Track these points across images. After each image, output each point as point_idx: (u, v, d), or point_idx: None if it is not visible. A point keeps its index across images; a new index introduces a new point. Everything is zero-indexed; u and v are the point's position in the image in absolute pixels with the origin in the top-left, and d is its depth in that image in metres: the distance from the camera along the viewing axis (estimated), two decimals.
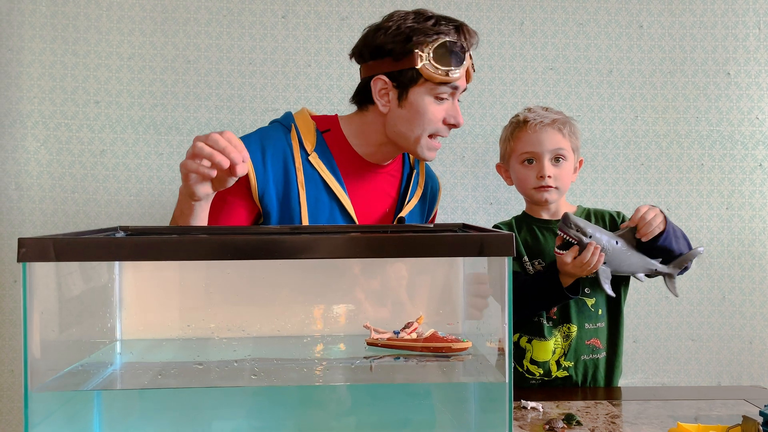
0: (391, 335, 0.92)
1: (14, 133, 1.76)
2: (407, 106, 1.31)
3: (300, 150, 1.32)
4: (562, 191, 1.41)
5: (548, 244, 1.41)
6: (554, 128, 1.38)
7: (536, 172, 1.38)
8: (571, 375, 1.38)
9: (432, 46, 1.26)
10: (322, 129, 1.37)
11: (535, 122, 1.38)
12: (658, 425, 1.08)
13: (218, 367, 0.85)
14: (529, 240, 1.42)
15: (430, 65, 1.26)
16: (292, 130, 1.34)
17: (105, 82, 1.79)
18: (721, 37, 1.88)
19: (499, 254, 0.74)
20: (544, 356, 1.37)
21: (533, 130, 1.38)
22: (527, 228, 1.44)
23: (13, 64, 1.76)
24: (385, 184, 1.41)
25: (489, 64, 1.86)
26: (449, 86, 1.29)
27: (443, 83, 1.28)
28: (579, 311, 1.38)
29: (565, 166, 1.39)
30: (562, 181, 1.39)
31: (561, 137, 1.38)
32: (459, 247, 0.75)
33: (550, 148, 1.37)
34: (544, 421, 1.08)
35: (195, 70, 1.81)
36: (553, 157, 1.38)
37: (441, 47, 1.26)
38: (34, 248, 0.70)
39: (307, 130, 1.35)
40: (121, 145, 1.79)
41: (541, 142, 1.37)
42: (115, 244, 0.72)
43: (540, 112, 1.40)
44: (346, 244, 0.74)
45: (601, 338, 1.40)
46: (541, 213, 1.44)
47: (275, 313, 0.95)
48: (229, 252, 0.73)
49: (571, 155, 1.40)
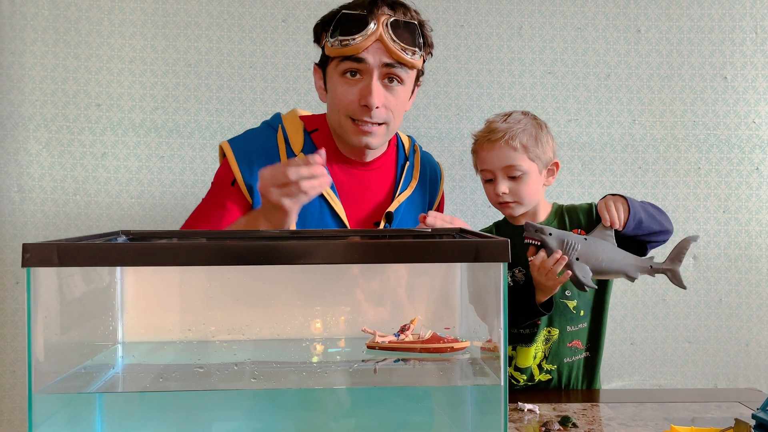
0: (392, 338, 0.93)
1: (16, 135, 1.78)
2: (329, 91, 1.29)
3: (287, 150, 1.31)
4: (527, 203, 1.37)
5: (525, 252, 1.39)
6: (502, 144, 1.32)
7: (494, 189, 1.36)
8: (553, 378, 1.39)
9: (333, 21, 1.23)
10: (310, 129, 1.35)
11: (483, 140, 1.35)
12: (653, 427, 1.09)
13: (218, 370, 0.87)
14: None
15: (330, 39, 1.23)
16: (279, 131, 1.33)
17: (106, 85, 1.80)
18: (718, 42, 1.89)
19: (494, 260, 0.76)
20: (526, 362, 1.37)
21: (482, 147, 1.35)
22: (505, 233, 1.41)
23: (15, 67, 1.77)
24: (375, 180, 1.38)
25: (488, 68, 1.87)
26: (353, 60, 1.22)
27: (345, 57, 1.22)
28: (560, 314, 1.37)
29: (524, 179, 1.34)
30: (523, 195, 1.35)
31: (511, 152, 1.32)
32: (454, 253, 0.77)
33: (501, 165, 1.33)
34: (540, 423, 1.09)
35: (196, 73, 1.82)
36: (506, 174, 1.34)
37: (340, 20, 1.22)
38: (38, 254, 0.71)
39: (294, 131, 1.34)
40: (122, 148, 1.81)
41: (492, 160, 1.34)
42: (117, 250, 0.73)
43: (496, 125, 1.35)
44: (344, 250, 0.76)
45: (582, 339, 1.39)
46: (519, 219, 1.42)
47: (275, 316, 0.96)
48: (229, 258, 0.74)
49: (531, 166, 1.33)
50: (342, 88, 1.25)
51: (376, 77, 1.23)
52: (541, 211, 1.41)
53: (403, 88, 1.28)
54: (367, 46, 1.20)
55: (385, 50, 1.22)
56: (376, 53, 1.22)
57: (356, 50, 1.21)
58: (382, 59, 1.22)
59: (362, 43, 1.20)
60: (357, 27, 1.20)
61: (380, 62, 1.22)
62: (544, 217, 1.41)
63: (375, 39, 1.21)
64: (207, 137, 1.83)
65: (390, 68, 1.24)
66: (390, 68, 1.24)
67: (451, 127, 1.87)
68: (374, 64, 1.22)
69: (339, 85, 1.25)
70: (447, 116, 1.85)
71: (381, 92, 1.24)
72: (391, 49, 1.21)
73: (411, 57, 1.24)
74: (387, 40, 1.21)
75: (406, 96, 1.30)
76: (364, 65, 1.23)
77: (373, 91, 1.23)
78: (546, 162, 1.37)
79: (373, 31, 1.20)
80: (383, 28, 1.21)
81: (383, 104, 1.25)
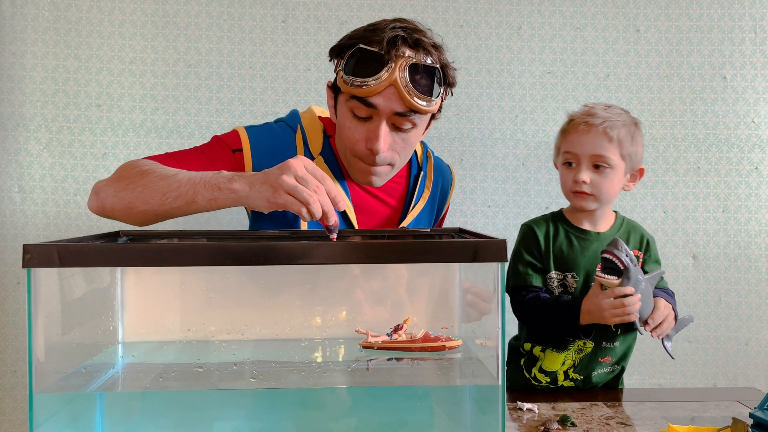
0: (385, 338, 0.93)
1: (17, 136, 1.78)
2: (338, 119, 1.21)
3: (305, 153, 1.25)
4: (603, 201, 1.29)
5: (584, 258, 1.32)
6: (599, 130, 1.25)
7: (573, 175, 1.28)
8: (578, 386, 1.37)
9: (348, 52, 1.14)
10: (329, 133, 1.30)
11: (580, 122, 1.27)
12: (651, 426, 1.09)
13: (218, 370, 0.87)
14: (564, 248, 1.33)
15: (343, 73, 1.14)
16: (298, 132, 1.27)
17: (107, 85, 1.81)
18: (718, 41, 1.90)
19: (492, 260, 0.76)
20: (554, 366, 1.35)
21: (576, 130, 1.27)
22: (564, 234, 1.34)
23: (16, 67, 1.78)
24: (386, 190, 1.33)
25: (487, 68, 1.88)
26: (362, 102, 1.12)
27: (355, 97, 1.13)
28: (600, 330, 1.32)
29: (608, 174, 1.26)
30: (603, 190, 1.27)
31: (606, 142, 1.25)
32: (452, 253, 0.77)
33: (590, 152, 1.26)
34: (539, 423, 1.09)
35: (196, 74, 1.83)
36: (592, 162, 1.27)
37: (354, 54, 1.12)
38: (39, 254, 0.71)
39: (314, 132, 1.27)
40: (122, 149, 1.81)
41: (582, 144, 1.26)
42: (117, 251, 0.73)
43: (596, 110, 1.27)
44: (342, 251, 0.76)
45: (613, 356, 1.36)
46: (582, 221, 1.34)
47: (274, 316, 0.97)
48: (229, 258, 0.74)
49: (619, 163, 1.27)
50: (350, 124, 1.18)
51: (384, 122, 1.15)
52: (608, 216, 1.36)
53: (415, 131, 1.20)
54: (379, 90, 1.11)
55: (398, 98, 1.12)
56: (388, 99, 1.12)
57: (368, 93, 1.11)
58: (393, 107, 1.13)
59: (375, 87, 1.10)
60: (372, 67, 1.10)
61: (391, 110, 1.13)
62: (609, 223, 1.36)
63: (389, 84, 1.10)
64: (207, 137, 1.82)
65: (402, 116, 1.15)
66: (402, 116, 1.15)
67: (450, 127, 1.87)
68: (385, 111, 1.14)
69: (347, 120, 1.18)
70: (446, 116, 1.85)
71: (388, 138, 1.17)
72: (406, 97, 1.11)
73: (426, 106, 1.14)
74: (402, 88, 1.10)
75: (417, 137, 1.23)
76: (373, 110, 1.14)
77: (380, 136, 1.14)
78: (634, 165, 1.31)
79: (387, 76, 1.10)
80: (400, 74, 1.10)
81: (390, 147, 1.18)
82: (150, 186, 1.02)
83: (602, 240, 1.33)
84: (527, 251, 1.34)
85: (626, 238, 1.36)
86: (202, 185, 0.98)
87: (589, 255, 1.33)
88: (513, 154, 1.88)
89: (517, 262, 1.35)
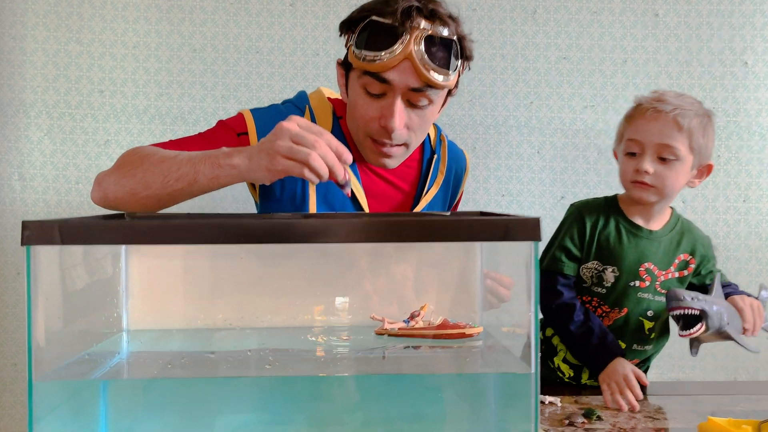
0: (402, 325, 0.89)
1: (17, 122, 1.74)
2: (349, 98, 1.16)
3: None
4: (665, 195, 1.21)
5: (629, 255, 1.25)
6: (670, 118, 1.16)
7: (636, 164, 1.19)
8: None
9: (359, 26, 1.08)
10: (338, 114, 1.25)
11: (648, 107, 1.18)
12: (680, 420, 1.05)
13: (231, 357, 0.82)
14: (611, 240, 1.25)
15: (354, 48, 1.08)
16: (306, 112, 1.22)
17: (110, 70, 1.76)
18: (739, 26, 1.84)
19: (526, 239, 0.71)
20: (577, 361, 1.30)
21: (643, 116, 1.18)
22: (615, 225, 1.26)
23: (16, 52, 1.74)
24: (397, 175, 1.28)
25: (501, 53, 1.82)
26: (376, 78, 1.07)
27: (367, 72, 1.07)
28: (634, 332, 1.28)
29: (675, 167, 1.18)
30: (667, 183, 1.19)
31: (675, 131, 1.16)
32: (483, 231, 0.72)
33: (657, 141, 1.17)
34: (563, 416, 1.04)
35: (201, 59, 1.78)
36: (658, 153, 1.18)
37: (366, 27, 1.06)
38: (39, 231, 0.66)
39: (323, 114, 1.22)
40: (125, 135, 1.77)
41: (649, 131, 1.17)
42: (122, 227, 0.68)
43: (666, 96, 1.19)
44: (362, 229, 0.71)
45: (642, 359, 1.32)
46: (636, 214, 1.26)
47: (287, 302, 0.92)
48: (243, 236, 0.69)
49: (687, 156, 1.18)
50: (362, 101, 1.12)
51: (399, 98, 1.09)
52: (664, 213, 1.28)
53: (431, 108, 1.14)
54: (394, 65, 1.05)
55: (414, 72, 1.06)
56: (403, 74, 1.06)
57: (381, 69, 1.05)
58: (409, 82, 1.07)
59: (388, 62, 1.04)
60: (385, 41, 1.04)
61: (406, 85, 1.08)
62: (664, 221, 1.28)
63: (404, 58, 1.05)
64: (213, 124, 1.77)
65: (417, 92, 1.09)
66: (417, 92, 1.09)
67: (463, 114, 1.83)
68: (399, 86, 1.08)
69: (359, 98, 1.12)
70: (459, 102, 1.80)
71: (404, 114, 1.11)
72: (421, 71, 1.05)
73: (443, 80, 1.08)
74: (417, 61, 1.05)
75: (433, 114, 1.17)
76: (387, 86, 1.08)
77: (395, 113, 1.09)
78: (702, 159, 1.22)
79: (402, 49, 1.04)
80: (415, 46, 1.04)
81: (405, 125, 1.13)
82: (150, 170, 0.97)
83: (653, 240, 1.26)
84: (569, 236, 1.27)
85: (677, 241, 1.28)
86: (202, 164, 0.94)
87: (636, 253, 1.25)
88: (528, 141, 1.84)
89: (554, 244, 1.28)
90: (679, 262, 1.28)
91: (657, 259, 1.26)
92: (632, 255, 1.26)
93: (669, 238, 1.27)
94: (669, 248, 1.27)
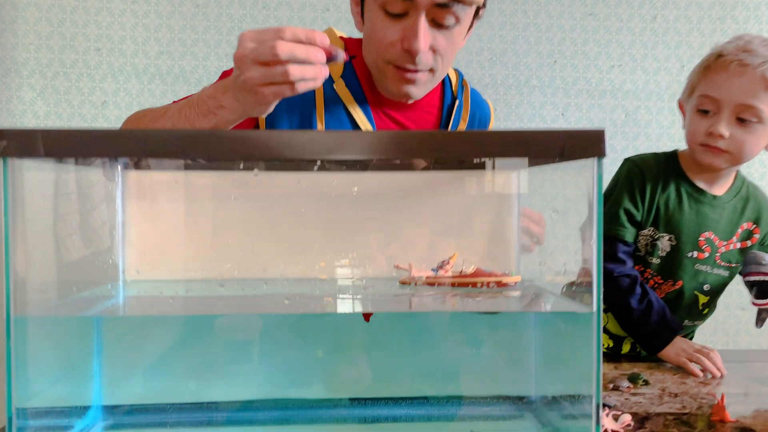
0: (430, 274, 0.79)
1: (9, 82, 1.69)
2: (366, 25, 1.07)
3: None
4: (740, 162, 1.07)
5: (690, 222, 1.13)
6: (757, 73, 1.00)
7: (708, 125, 1.05)
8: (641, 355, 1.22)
9: None
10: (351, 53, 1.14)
11: (732, 59, 1.02)
12: (735, 385, 0.97)
13: (245, 288, 0.73)
14: (671, 205, 1.13)
15: None
16: None
17: (107, 27, 1.70)
18: None
19: (586, 155, 0.60)
20: (621, 332, 1.20)
21: (724, 69, 1.02)
22: (675, 188, 1.13)
23: (7, 7, 1.67)
24: (416, 122, 1.18)
25: (523, 8, 1.74)
26: None
27: None
28: (688, 307, 1.17)
29: (756, 131, 1.03)
30: (744, 149, 1.04)
31: (761, 90, 1.00)
32: (536, 147, 0.61)
33: (738, 101, 1.01)
34: (607, 381, 0.95)
35: (204, 14, 1.71)
36: (737, 113, 1.03)
37: None
38: (19, 141, 0.56)
39: None
40: (124, 96, 1.71)
41: (730, 87, 1.01)
42: (117, 137, 0.58)
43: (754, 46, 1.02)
44: (393, 142, 0.61)
45: (690, 335, 1.23)
46: (697, 177, 1.13)
47: (302, 251, 0.82)
48: (256, 150, 0.59)
49: None
50: (382, 24, 1.02)
51: (423, 16, 1.00)
52: (729, 175, 1.14)
53: (458, 28, 1.04)
54: None
55: None
56: None
57: None
58: None
59: None
60: None
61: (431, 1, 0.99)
62: (728, 184, 1.15)
63: None
64: None
65: (443, 8, 1.00)
66: (443, 8, 1.00)
67: (483, 72, 1.75)
68: (423, 2, 0.98)
69: (378, 20, 1.02)
70: (479, 61, 1.73)
71: (428, 34, 1.01)
72: None
73: None
74: None
75: (460, 36, 1.06)
76: (409, 3, 0.99)
77: (419, 33, 0.99)
78: None
79: None
80: None
81: (431, 47, 1.02)
82: None
83: (716, 206, 1.13)
84: (630, 195, 1.13)
85: (741, 207, 1.15)
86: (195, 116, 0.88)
87: (697, 221, 1.13)
88: (551, 103, 1.76)
89: (616, 204, 1.14)
90: (742, 232, 1.15)
91: (719, 228, 1.13)
92: (692, 223, 1.13)
93: (732, 204, 1.15)
94: (732, 216, 1.14)
